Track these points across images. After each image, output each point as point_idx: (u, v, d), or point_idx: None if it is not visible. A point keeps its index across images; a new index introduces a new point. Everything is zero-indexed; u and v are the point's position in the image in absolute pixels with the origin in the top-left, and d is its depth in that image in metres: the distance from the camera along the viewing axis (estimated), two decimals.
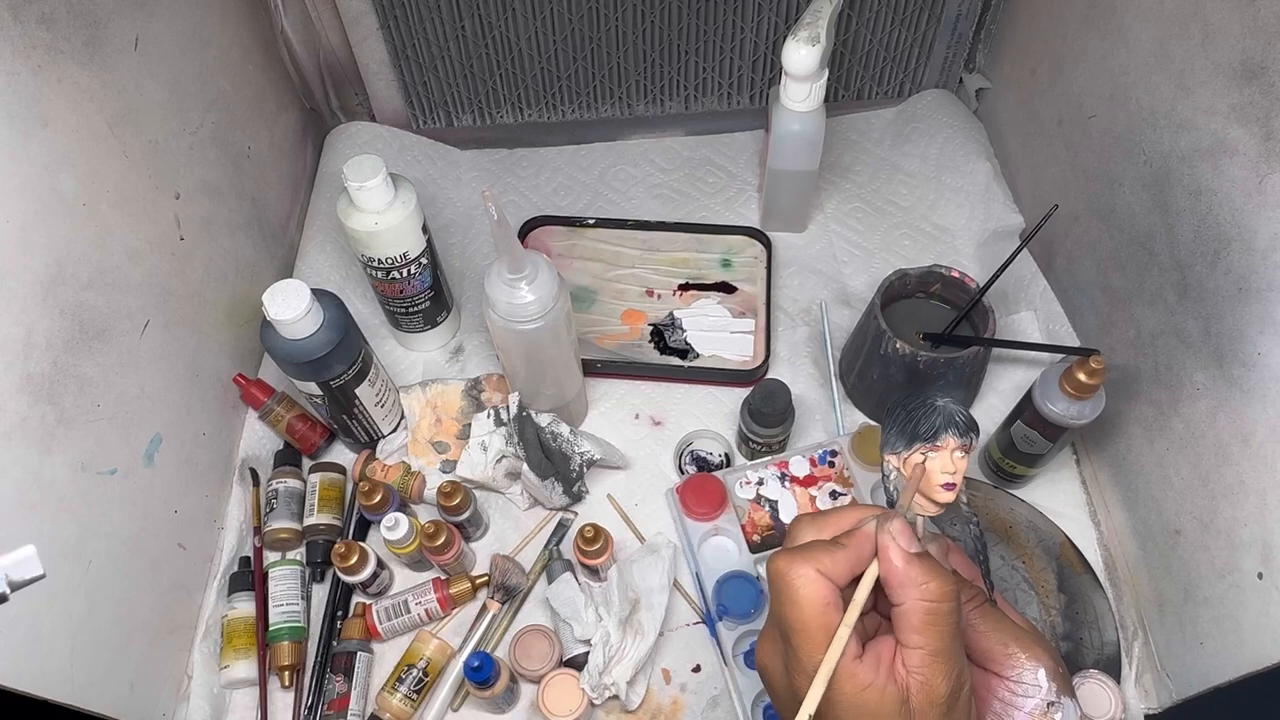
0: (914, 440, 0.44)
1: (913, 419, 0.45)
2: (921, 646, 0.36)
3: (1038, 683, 0.38)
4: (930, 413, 0.44)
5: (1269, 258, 0.56)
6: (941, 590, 0.36)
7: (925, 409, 0.44)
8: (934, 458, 0.43)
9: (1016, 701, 0.39)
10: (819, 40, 0.75)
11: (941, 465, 0.43)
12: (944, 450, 0.43)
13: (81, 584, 0.57)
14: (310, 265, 0.92)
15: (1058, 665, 0.39)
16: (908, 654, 0.36)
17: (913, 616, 0.36)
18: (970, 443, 0.43)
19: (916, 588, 0.36)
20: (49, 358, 0.56)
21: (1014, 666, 0.39)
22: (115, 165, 0.64)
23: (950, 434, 0.43)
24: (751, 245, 0.94)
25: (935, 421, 0.44)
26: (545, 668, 0.67)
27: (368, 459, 0.78)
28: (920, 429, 0.44)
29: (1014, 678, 0.39)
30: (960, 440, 0.43)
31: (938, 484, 0.43)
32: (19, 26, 0.55)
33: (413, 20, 0.91)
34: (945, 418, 0.44)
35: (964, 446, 0.43)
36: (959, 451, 0.43)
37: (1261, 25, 0.55)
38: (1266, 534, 0.57)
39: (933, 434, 0.43)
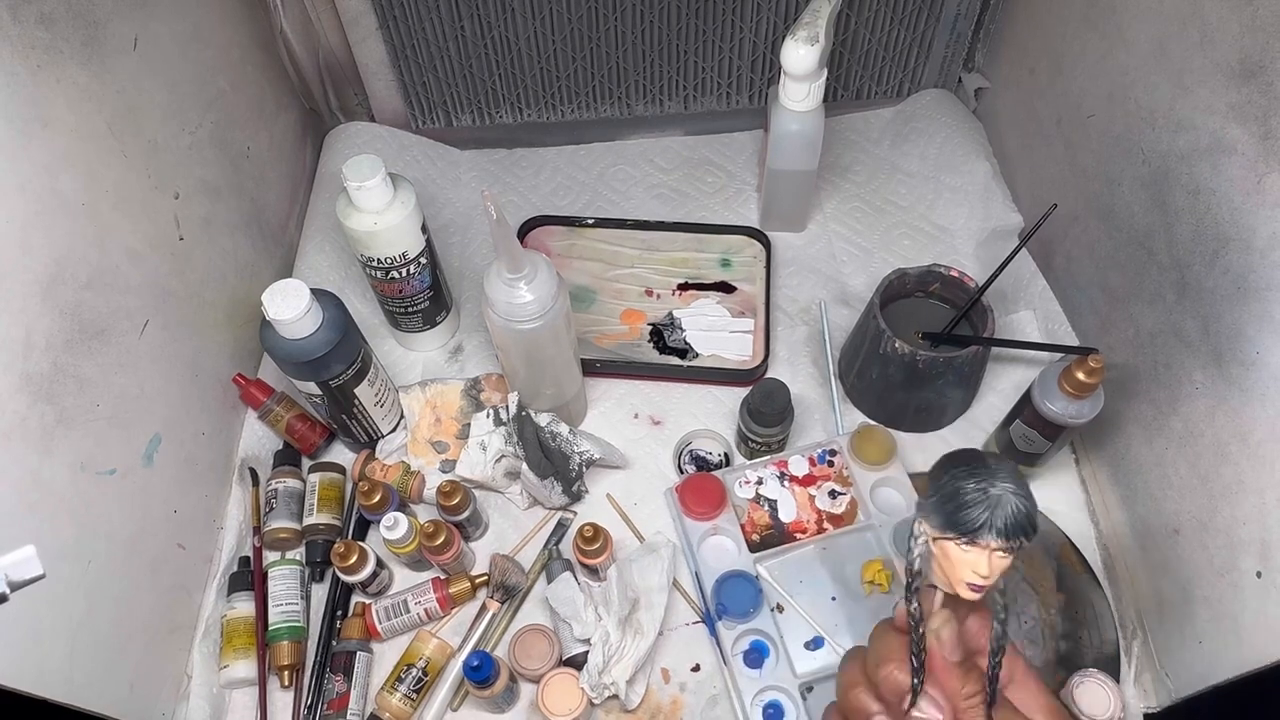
0: (949, 526, 0.38)
1: (957, 499, 0.38)
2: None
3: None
4: (980, 502, 0.37)
5: (1267, 257, 0.56)
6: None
7: (977, 494, 0.38)
8: (969, 553, 0.38)
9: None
10: (818, 40, 0.75)
11: (974, 564, 0.38)
12: (982, 549, 0.38)
13: (81, 584, 0.57)
14: (309, 265, 0.92)
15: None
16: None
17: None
18: (1017, 546, 0.37)
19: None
20: (48, 358, 0.56)
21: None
22: (114, 165, 0.64)
23: (992, 536, 0.37)
24: (751, 245, 0.94)
25: (980, 516, 0.37)
26: (545, 667, 0.67)
27: (367, 459, 0.78)
28: (960, 517, 0.38)
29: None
30: (1003, 543, 0.37)
31: (963, 579, 0.38)
32: (18, 27, 0.55)
33: (412, 20, 0.91)
34: (993, 515, 0.37)
35: (1009, 549, 0.37)
36: (1000, 553, 0.38)
37: (1260, 24, 0.55)
38: (1265, 533, 0.57)
39: (973, 529, 0.37)
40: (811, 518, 0.75)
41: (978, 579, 0.38)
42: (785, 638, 0.69)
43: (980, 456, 0.39)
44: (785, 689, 0.67)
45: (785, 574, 0.73)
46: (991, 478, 0.38)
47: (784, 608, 0.71)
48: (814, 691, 0.68)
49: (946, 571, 0.39)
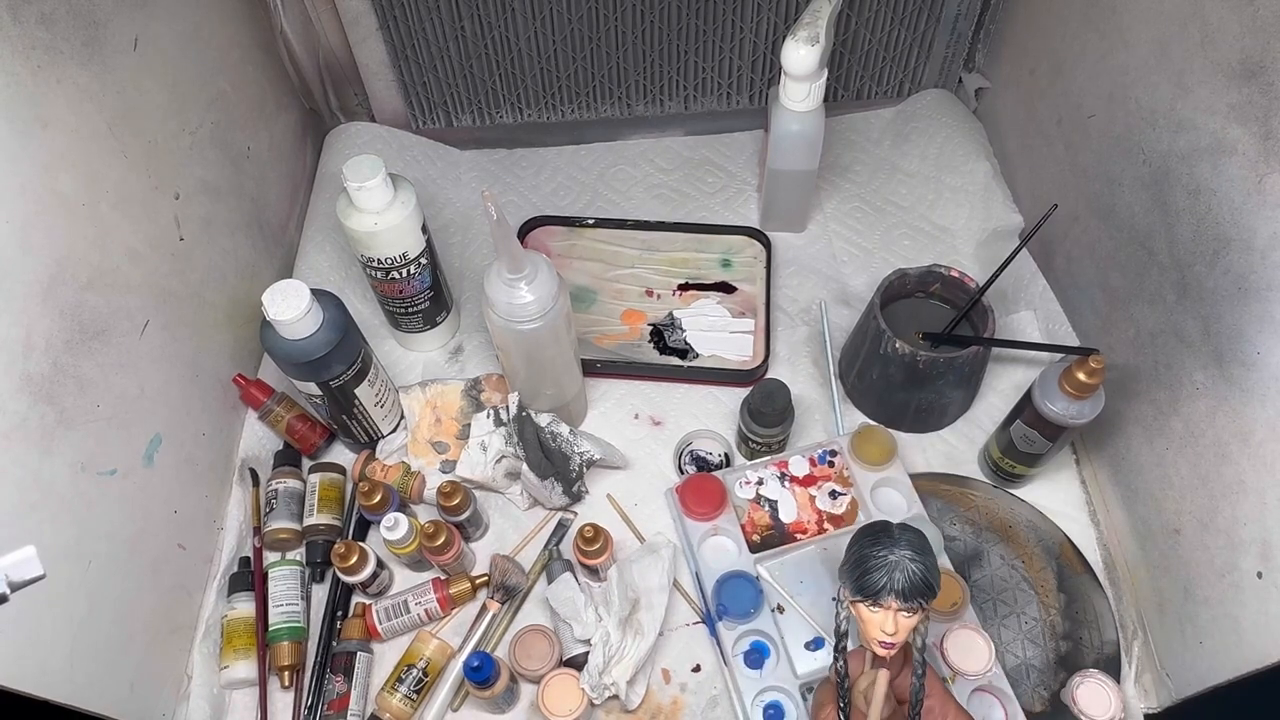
0: (857, 591, 0.43)
1: (862, 565, 0.43)
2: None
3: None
4: (878, 566, 0.42)
5: (1268, 257, 0.56)
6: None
7: (877, 560, 0.42)
8: (875, 613, 0.42)
9: None
10: (818, 40, 0.75)
11: (880, 623, 0.42)
12: (886, 610, 0.42)
13: (81, 584, 0.57)
14: (310, 265, 0.92)
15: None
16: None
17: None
18: (916, 607, 0.42)
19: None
20: (49, 358, 0.56)
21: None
22: (115, 166, 0.64)
23: (892, 597, 0.42)
24: (751, 245, 0.94)
25: (880, 579, 0.42)
26: (545, 668, 0.67)
27: (367, 459, 0.78)
28: (864, 582, 0.42)
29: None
30: (903, 604, 0.42)
31: (874, 637, 0.42)
32: (18, 27, 0.55)
33: (412, 20, 0.91)
34: (893, 578, 0.42)
35: (909, 610, 0.42)
36: (903, 613, 0.42)
37: (1260, 25, 0.55)
38: (1266, 533, 0.57)
39: (875, 592, 0.42)
40: (812, 518, 0.75)
41: (885, 636, 0.42)
42: (786, 638, 0.69)
43: (888, 527, 0.44)
44: (786, 689, 0.67)
45: (786, 574, 0.73)
46: (893, 545, 0.43)
47: (784, 608, 0.71)
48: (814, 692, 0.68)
49: (863, 634, 0.43)
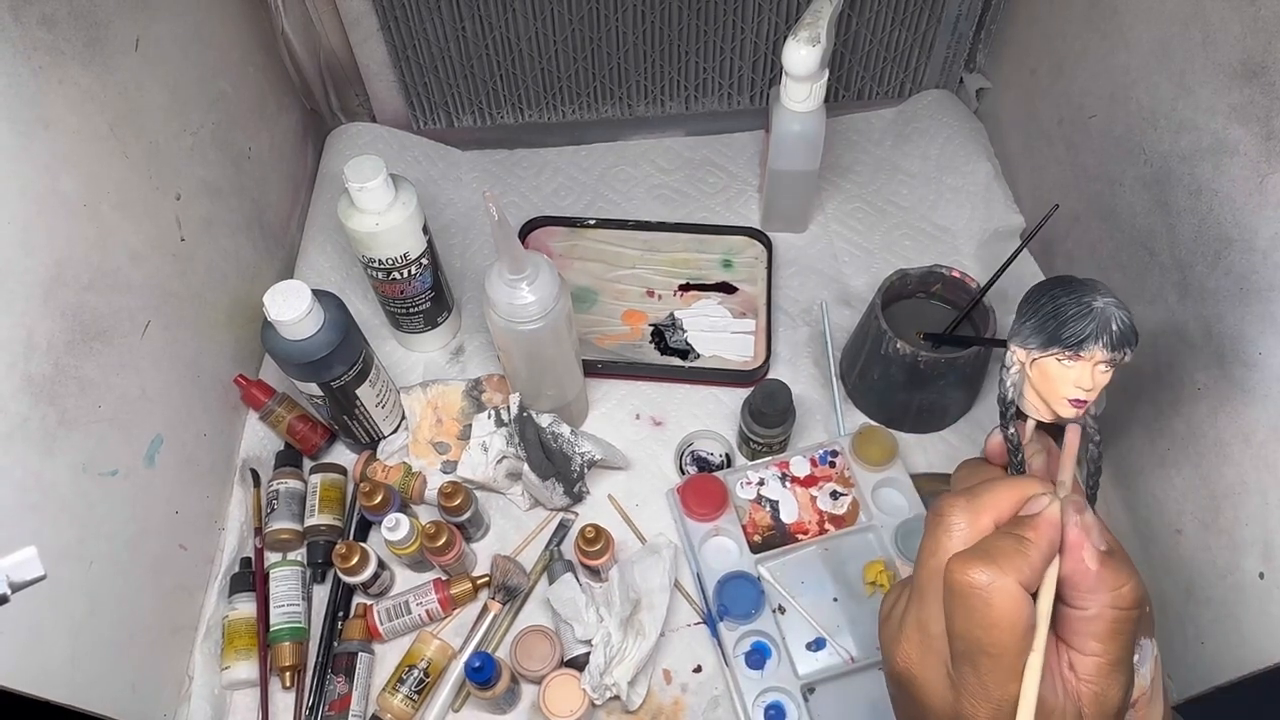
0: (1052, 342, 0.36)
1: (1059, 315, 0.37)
2: (1101, 655, 0.32)
3: None
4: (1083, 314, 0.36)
5: (1270, 257, 0.56)
6: (1135, 596, 0.32)
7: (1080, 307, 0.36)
8: (1071, 367, 0.36)
9: None
10: (819, 40, 0.75)
11: (1077, 378, 0.36)
12: (1085, 362, 0.36)
13: (82, 585, 0.57)
14: (311, 266, 0.92)
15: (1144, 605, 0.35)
16: (1083, 662, 0.32)
17: (1099, 624, 0.32)
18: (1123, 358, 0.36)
19: (1108, 593, 0.32)
20: (50, 359, 0.56)
21: None
22: (116, 166, 0.64)
23: (1099, 346, 0.36)
24: (752, 245, 0.94)
25: (1086, 328, 0.36)
26: (546, 668, 0.67)
27: (368, 460, 0.78)
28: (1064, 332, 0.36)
29: None
30: (1109, 355, 0.36)
31: (1063, 395, 0.36)
32: (20, 28, 0.55)
33: (413, 21, 0.91)
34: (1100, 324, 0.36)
35: (1112, 361, 0.36)
36: (1103, 365, 0.36)
37: (1262, 25, 0.55)
38: (1268, 534, 0.56)
39: (1078, 341, 0.36)
40: (813, 518, 0.75)
41: (1080, 393, 0.36)
42: (787, 639, 0.69)
43: (1073, 279, 0.38)
44: (787, 690, 0.67)
45: (787, 575, 0.73)
46: (1093, 293, 0.37)
47: (786, 609, 0.71)
48: (816, 692, 0.68)
49: (1044, 394, 0.37)
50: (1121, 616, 0.32)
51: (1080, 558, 0.32)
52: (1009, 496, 0.34)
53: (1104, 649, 0.32)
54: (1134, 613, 0.32)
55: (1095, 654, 0.32)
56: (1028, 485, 0.35)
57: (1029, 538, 0.32)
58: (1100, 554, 0.32)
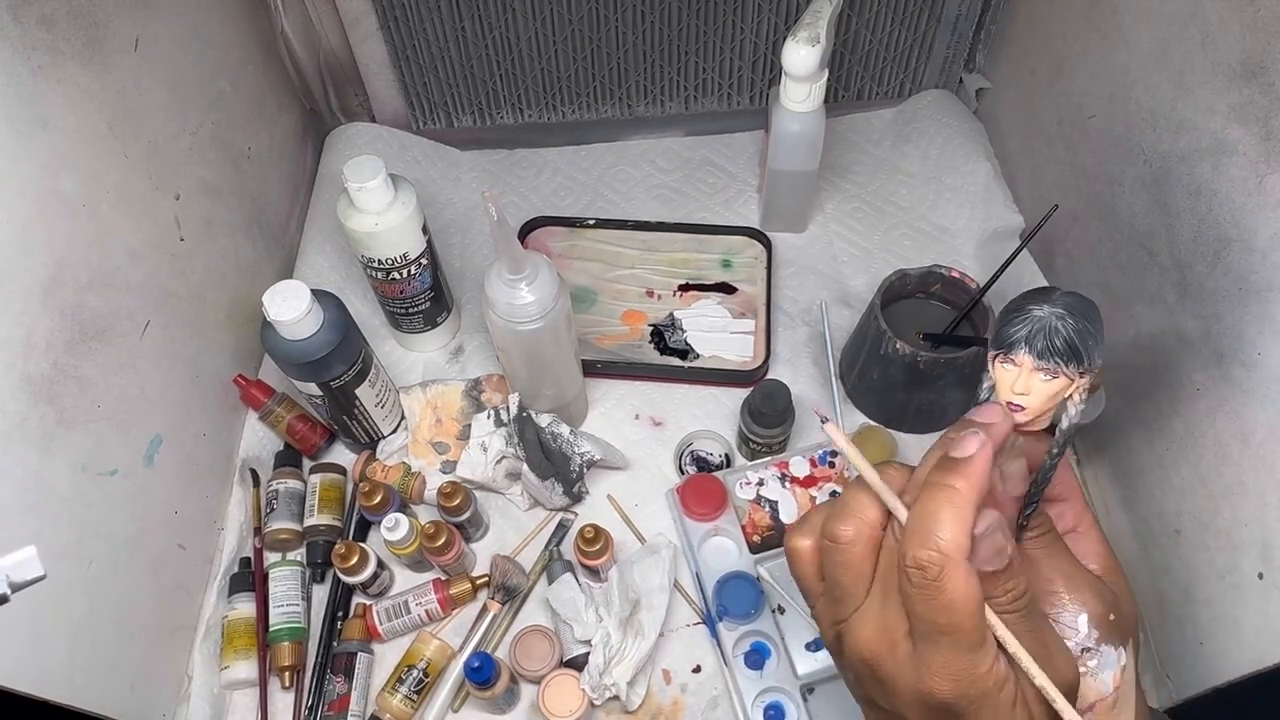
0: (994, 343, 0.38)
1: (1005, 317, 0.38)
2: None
3: (1075, 626, 0.37)
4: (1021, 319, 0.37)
5: (1269, 258, 0.56)
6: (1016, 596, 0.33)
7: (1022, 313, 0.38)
8: (1009, 370, 0.38)
9: None
10: (819, 41, 0.75)
11: (1011, 380, 0.38)
12: (1019, 367, 0.37)
13: (82, 585, 0.57)
14: (310, 266, 0.92)
15: (1107, 613, 0.37)
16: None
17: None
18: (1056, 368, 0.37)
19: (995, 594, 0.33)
20: (49, 358, 0.56)
21: (1053, 605, 0.37)
22: (115, 166, 0.64)
23: (1025, 351, 0.37)
24: (751, 246, 0.94)
25: (1017, 331, 0.37)
26: (545, 668, 0.67)
27: (368, 460, 0.78)
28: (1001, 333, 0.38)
29: (1052, 616, 0.37)
30: (1038, 363, 0.37)
31: (1004, 399, 0.38)
32: (19, 27, 0.55)
33: (413, 21, 0.91)
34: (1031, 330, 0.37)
35: (1046, 370, 0.37)
36: (1042, 374, 0.37)
37: (1261, 25, 0.55)
38: (1266, 534, 0.57)
39: (1009, 344, 0.37)
40: None
41: (1015, 397, 0.37)
42: (786, 639, 0.69)
43: (1052, 290, 0.39)
44: (786, 690, 0.67)
45: (786, 575, 0.73)
46: (1044, 301, 0.38)
47: (785, 609, 0.71)
48: (815, 693, 0.68)
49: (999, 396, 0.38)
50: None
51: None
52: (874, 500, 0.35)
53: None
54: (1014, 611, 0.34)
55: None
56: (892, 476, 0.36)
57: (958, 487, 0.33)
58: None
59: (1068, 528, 0.41)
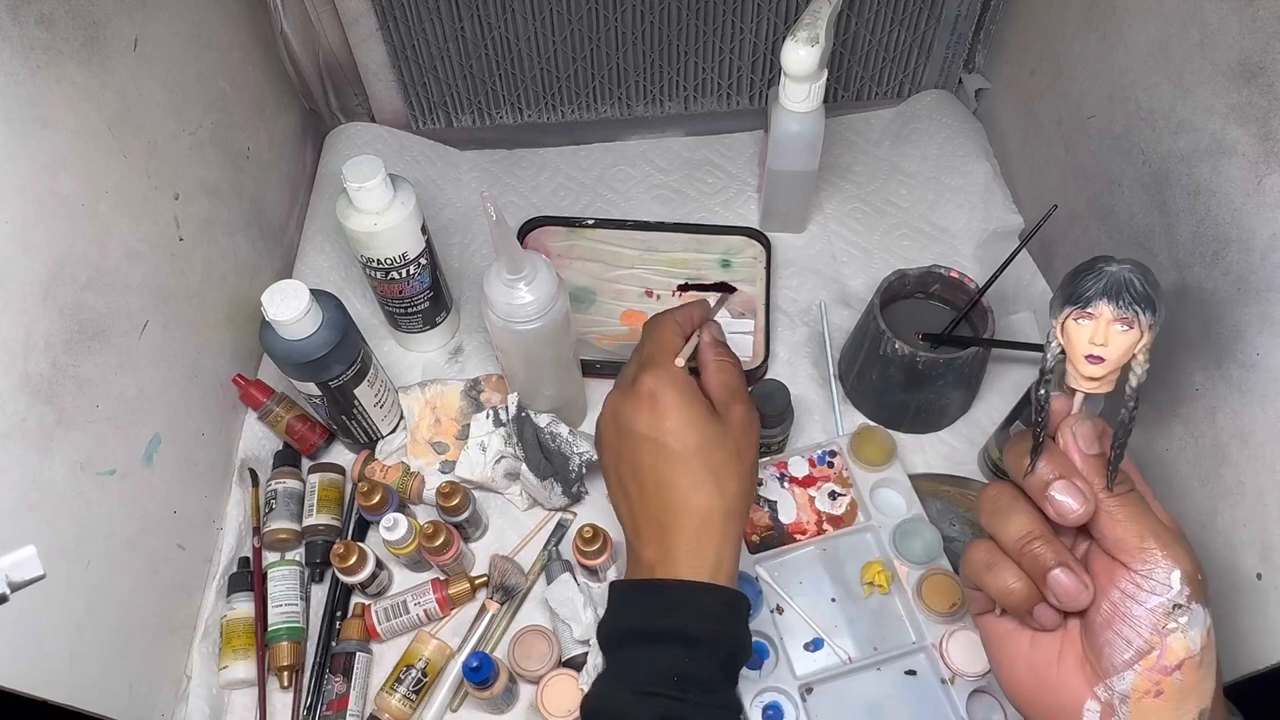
0: (1067, 301, 0.39)
1: (1075, 277, 0.39)
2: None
3: (1169, 583, 0.37)
4: (1094, 275, 0.39)
5: (1268, 258, 0.56)
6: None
7: (1093, 270, 0.39)
8: (1085, 325, 0.39)
9: (1139, 596, 0.37)
10: (818, 41, 0.75)
11: (1091, 334, 0.39)
12: (1096, 319, 0.38)
13: (81, 584, 0.57)
14: (309, 266, 0.92)
15: (1196, 571, 0.37)
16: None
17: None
18: (1134, 316, 0.38)
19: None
20: (48, 358, 0.56)
21: (1146, 561, 0.37)
22: (114, 166, 0.64)
23: (1104, 301, 0.38)
24: (751, 246, 0.94)
25: (1092, 285, 0.38)
26: (544, 668, 0.67)
27: (367, 459, 0.78)
28: (1074, 288, 0.39)
29: (1143, 572, 0.37)
30: (1118, 312, 0.38)
31: (1081, 354, 0.39)
32: (17, 27, 0.55)
33: (412, 21, 0.91)
34: (1108, 283, 0.38)
35: (1125, 319, 0.38)
36: (1119, 324, 0.38)
37: (1260, 25, 0.55)
38: (1265, 535, 0.57)
39: (1085, 298, 0.39)
40: (811, 519, 0.75)
41: (1094, 349, 0.39)
42: (785, 639, 0.69)
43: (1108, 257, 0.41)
44: (785, 690, 0.67)
45: (785, 575, 0.73)
46: (1109, 261, 0.39)
47: (783, 609, 0.71)
48: (814, 693, 0.68)
49: (1071, 356, 0.40)
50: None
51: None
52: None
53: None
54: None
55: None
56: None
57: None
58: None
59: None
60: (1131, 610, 0.37)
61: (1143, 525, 0.38)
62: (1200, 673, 0.37)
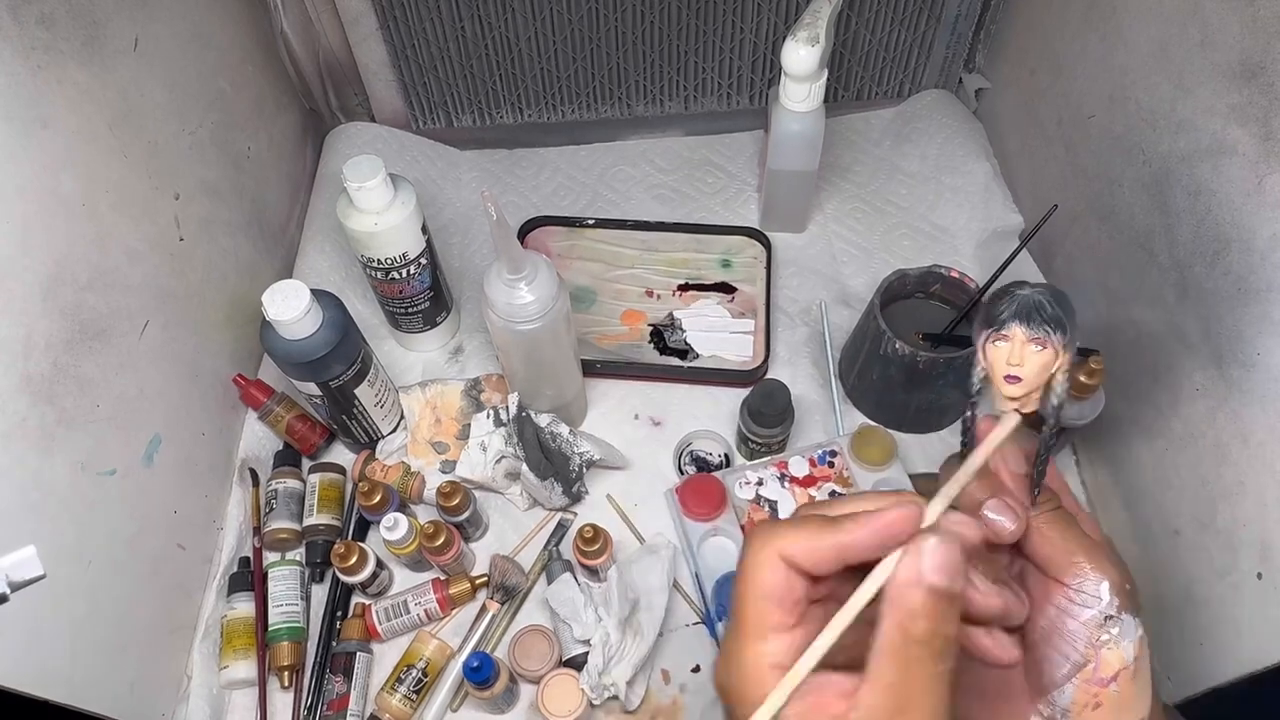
0: (984, 325, 0.41)
1: (990, 303, 0.41)
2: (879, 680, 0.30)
3: (1098, 595, 0.38)
4: (1007, 299, 0.40)
5: (1268, 258, 0.56)
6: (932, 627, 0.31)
7: (1006, 295, 0.41)
8: (1002, 347, 0.40)
9: (1072, 610, 0.38)
10: (818, 40, 0.75)
11: (1007, 355, 0.40)
12: (1011, 340, 0.40)
13: (81, 584, 0.57)
14: (310, 265, 0.92)
15: (1124, 582, 0.38)
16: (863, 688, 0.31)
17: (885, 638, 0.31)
18: (1046, 336, 0.40)
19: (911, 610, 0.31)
20: (49, 358, 0.56)
21: (1077, 576, 0.38)
22: (115, 166, 0.64)
23: (1017, 323, 0.40)
24: (751, 245, 0.94)
25: (1004, 309, 0.40)
26: (544, 668, 0.67)
27: (367, 459, 0.78)
28: (988, 313, 0.41)
29: (1075, 586, 0.38)
30: (1030, 333, 0.40)
31: (1000, 374, 0.40)
32: (18, 27, 0.55)
33: (412, 21, 0.91)
34: (1019, 305, 0.40)
35: (1037, 340, 0.40)
36: (1033, 345, 0.40)
37: (1260, 25, 0.55)
38: (1265, 534, 0.57)
39: (998, 322, 0.40)
40: None
41: (1011, 369, 0.40)
42: None
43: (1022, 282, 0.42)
44: None
45: None
46: (1022, 286, 0.41)
47: None
48: None
49: (993, 378, 0.41)
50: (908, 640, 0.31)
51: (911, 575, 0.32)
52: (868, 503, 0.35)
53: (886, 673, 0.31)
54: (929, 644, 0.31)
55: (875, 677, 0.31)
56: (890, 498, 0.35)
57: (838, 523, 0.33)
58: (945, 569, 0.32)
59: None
60: (1066, 625, 0.38)
61: (1070, 541, 0.39)
62: (1136, 682, 0.38)
